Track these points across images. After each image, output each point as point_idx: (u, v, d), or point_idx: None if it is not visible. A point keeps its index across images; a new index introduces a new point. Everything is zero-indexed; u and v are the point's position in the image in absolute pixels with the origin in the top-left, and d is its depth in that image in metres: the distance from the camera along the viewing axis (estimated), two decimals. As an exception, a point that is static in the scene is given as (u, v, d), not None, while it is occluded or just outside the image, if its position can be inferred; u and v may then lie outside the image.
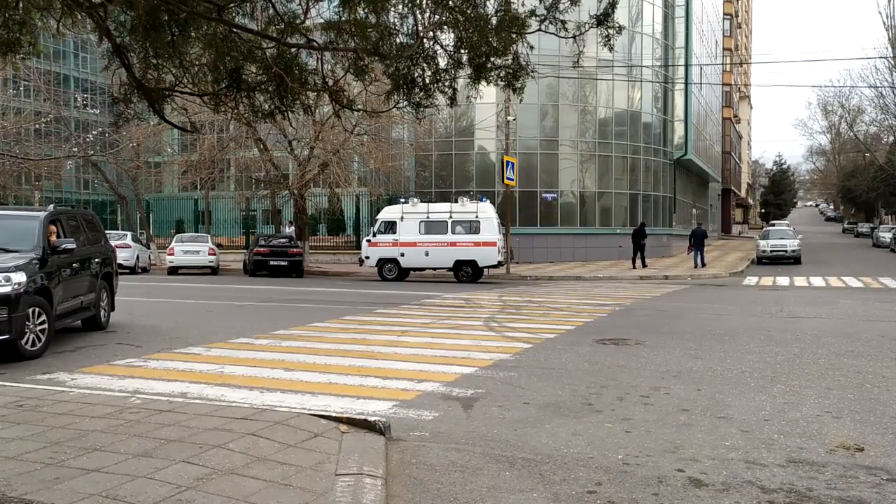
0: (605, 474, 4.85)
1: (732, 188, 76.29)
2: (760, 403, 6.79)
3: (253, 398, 6.93)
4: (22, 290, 8.69)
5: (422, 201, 25.90)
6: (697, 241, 30.56)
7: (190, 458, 4.66)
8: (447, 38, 5.60)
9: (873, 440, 5.61)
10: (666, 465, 5.04)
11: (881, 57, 58.03)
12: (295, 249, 27.44)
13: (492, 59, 5.42)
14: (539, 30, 5.52)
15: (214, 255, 29.03)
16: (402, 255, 24.26)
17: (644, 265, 29.74)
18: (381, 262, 24.61)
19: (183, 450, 4.81)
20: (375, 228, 25.09)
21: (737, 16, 77.08)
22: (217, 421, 5.52)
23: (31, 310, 8.88)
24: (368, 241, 25.04)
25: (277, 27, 5.51)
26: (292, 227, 33.11)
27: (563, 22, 5.54)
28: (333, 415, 5.91)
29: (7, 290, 8.53)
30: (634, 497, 4.45)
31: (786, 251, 33.74)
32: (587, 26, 5.56)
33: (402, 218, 24.45)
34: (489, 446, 5.48)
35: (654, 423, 6.10)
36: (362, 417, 5.78)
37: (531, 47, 5.86)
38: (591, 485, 4.66)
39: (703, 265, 29.97)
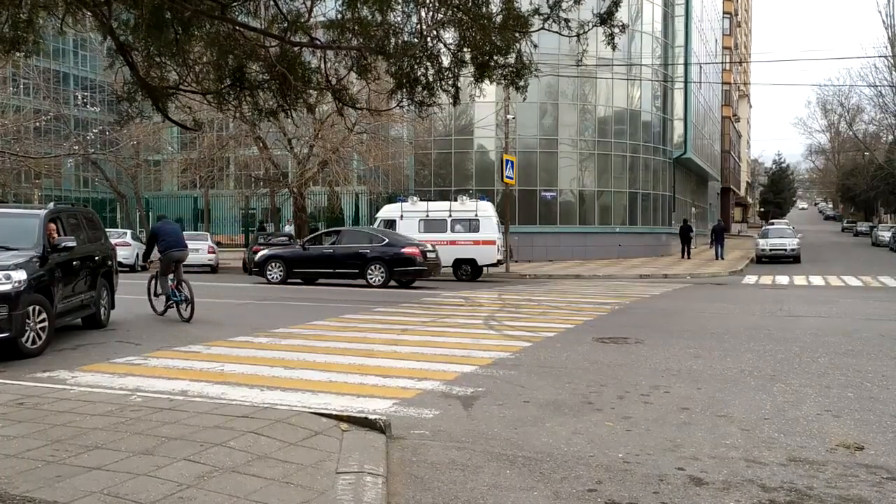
0: (605, 473, 4.85)
1: (732, 187, 76.32)
2: (760, 402, 6.80)
3: (253, 396, 6.94)
4: (22, 288, 8.68)
5: (421, 200, 25.88)
6: (718, 236, 35.12)
7: (191, 455, 4.66)
8: (450, 36, 5.59)
9: (873, 439, 5.63)
10: (666, 463, 5.05)
11: (881, 56, 58.04)
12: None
13: (495, 57, 5.41)
14: (542, 28, 5.52)
15: (214, 253, 29.03)
16: (402, 253, 24.24)
17: (689, 257, 34.61)
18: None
19: (184, 448, 4.82)
20: (375, 227, 25.07)
21: (736, 14, 77.08)
22: (218, 419, 5.53)
23: (31, 308, 8.87)
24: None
25: (281, 26, 5.51)
26: (291, 226, 33.11)
27: (567, 20, 5.53)
28: (334, 413, 5.92)
29: (7, 287, 8.53)
30: (635, 495, 4.46)
31: (785, 250, 33.79)
32: (590, 25, 5.56)
33: (401, 216, 24.43)
34: (489, 444, 5.49)
35: (655, 422, 6.11)
36: (363, 416, 5.79)
37: (535, 46, 5.86)
38: (592, 483, 4.67)
39: (722, 258, 34.10)
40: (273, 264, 21.92)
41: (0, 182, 35.28)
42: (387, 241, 21.58)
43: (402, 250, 21.13)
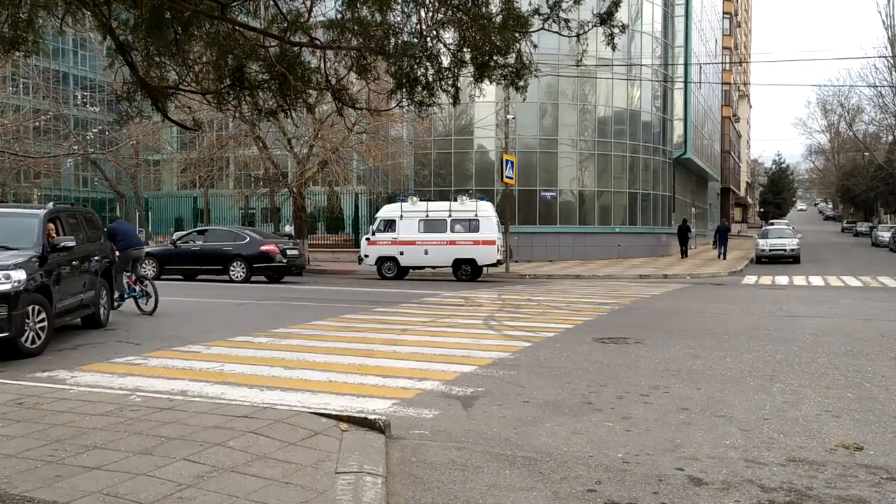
0: (604, 473, 4.86)
1: (731, 187, 76.32)
2: (760, 402, 6.80)
3: (253, 396, 6.94)
4: (21, 288, 8.69)
5: (421, 200, 25.86)
6: (721, 236, 35.55)
7: (190, 455, 4.66)
8: (450, 36, 5.59)
9: (873, 439, 5.63)
10: (666, 463, 5.05)
11: (880, 56, 58.05)
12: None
13: (495, 57, 5.41)
14: (542, 28, 5.51)
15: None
16: (402, 253, 24.25)
17: (686, 256, 35.77)
18: (381, 261, 24.60)
19: (183, 447, 4.82)
20: (374, 227, 25.05)
21: (736, 15, 77.08)
22: (217, 419, 5.53)
23: (30, 307, 8.88)
24: (368, 239, 25.03)
25: (280, 26, 5.51)
26: (291, 226, 33.10)
27: (567, 21, 5.53)
28: (333, 413, 5.92)
29: (7, 287, 8.53)
30: (634, 495, 4.46)
31: (785, 250, 33.77)
32: (590, 25, 5.56)
33: (401, 216, 24.42)
34: (489, 445, 5.49)
35: (654, 422, 6.11)
36: (362, 416, 5.79)
37: (535, 46, 5.86)
38: (591, 483, 4.67)
39: (724, 258, 34.54)
40: (146, 262, 22.82)
41: (0, 182, 35.28)
42: (248, 239, 22.77)
43: (261, 248, 22.27)
